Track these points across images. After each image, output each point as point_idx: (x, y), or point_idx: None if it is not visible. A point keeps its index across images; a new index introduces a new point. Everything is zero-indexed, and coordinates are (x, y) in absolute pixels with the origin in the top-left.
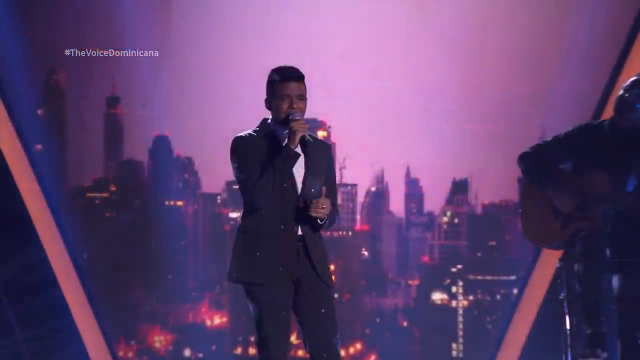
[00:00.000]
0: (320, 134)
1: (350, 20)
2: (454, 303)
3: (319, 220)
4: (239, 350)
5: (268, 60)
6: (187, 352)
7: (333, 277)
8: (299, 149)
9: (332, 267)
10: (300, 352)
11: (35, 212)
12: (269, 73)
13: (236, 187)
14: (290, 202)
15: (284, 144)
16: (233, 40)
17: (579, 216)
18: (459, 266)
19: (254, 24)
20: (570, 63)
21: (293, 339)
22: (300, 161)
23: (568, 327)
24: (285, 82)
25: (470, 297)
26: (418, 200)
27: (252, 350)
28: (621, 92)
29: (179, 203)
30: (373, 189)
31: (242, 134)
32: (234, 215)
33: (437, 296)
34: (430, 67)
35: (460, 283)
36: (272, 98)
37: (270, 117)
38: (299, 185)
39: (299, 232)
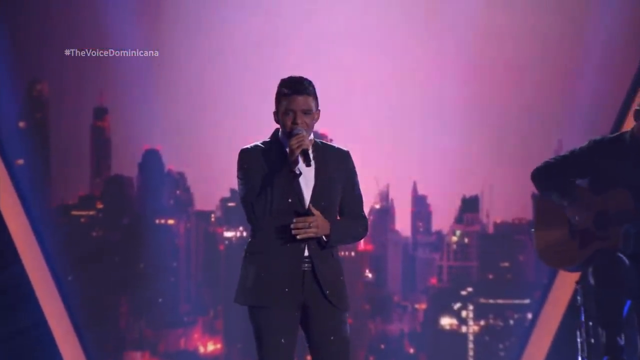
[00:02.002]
0: None
1: (354, 30)
2: (464, 328)
3: (324, 237)
4: None
5: (266, 70)
6: None
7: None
8: (303, 166)
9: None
10: None
11: (16, 231)
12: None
13: (231, 204)
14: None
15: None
16: (230, 49)
17: (598, 235)
18: (469, 289)
19: (253, 33)
20: (588, 73)
21: None
22: (309, 175)
23: (586, 355)
24: (289, 96)
25: (482, 322)
26: (425, 219)
27: None
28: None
29: (171, 221)
30: (377, 206)
31: (249, 145)
32: (229, 234)
33: (446, 321)
34: (439, 77)
35: (471, 307)
36: (278, 112)
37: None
38: (308, 201)
39: (306, 253)
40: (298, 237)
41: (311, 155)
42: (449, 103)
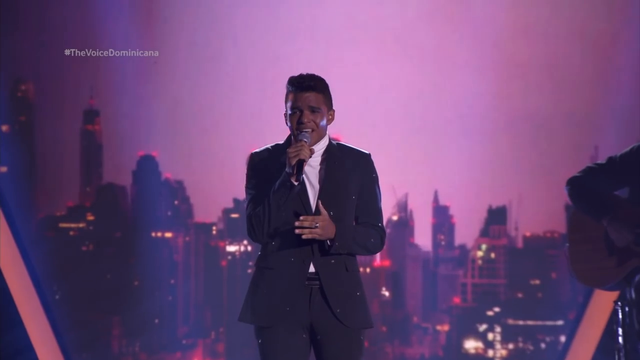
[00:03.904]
0: None
1: (371, 28)
2: (490, 352)
3: (328, 242)
4: None
5: (270, 70)
6: None
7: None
8: (310, 174)
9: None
10: None
11: None
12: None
13: (234, 215)
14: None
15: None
16: (230, 47)
17: (637, 251)
18: (496, 309)
19: (255, 31)
20: (626, 76)
21: None
22: (316, 182)
23: None
24: (294, 93)
25: (510, 346)
26: (448, 231)
27: None
28: None
29: (168, 234)
30: (395, 217)
31: (259, 148)
32: (232, 248)
33: (471, 344)
34: (462, 79)
35: (498, 329)
36: (286, 112)
37: None
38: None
39: (311, 269)
40: (303, 237)
41: (319, 163)
42: (474, 106)
